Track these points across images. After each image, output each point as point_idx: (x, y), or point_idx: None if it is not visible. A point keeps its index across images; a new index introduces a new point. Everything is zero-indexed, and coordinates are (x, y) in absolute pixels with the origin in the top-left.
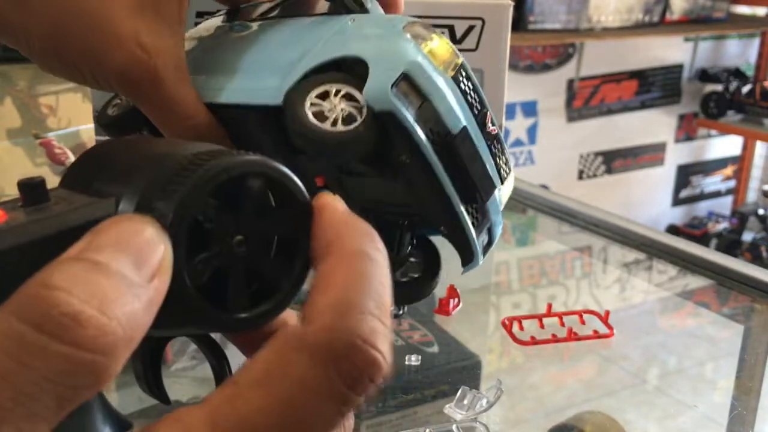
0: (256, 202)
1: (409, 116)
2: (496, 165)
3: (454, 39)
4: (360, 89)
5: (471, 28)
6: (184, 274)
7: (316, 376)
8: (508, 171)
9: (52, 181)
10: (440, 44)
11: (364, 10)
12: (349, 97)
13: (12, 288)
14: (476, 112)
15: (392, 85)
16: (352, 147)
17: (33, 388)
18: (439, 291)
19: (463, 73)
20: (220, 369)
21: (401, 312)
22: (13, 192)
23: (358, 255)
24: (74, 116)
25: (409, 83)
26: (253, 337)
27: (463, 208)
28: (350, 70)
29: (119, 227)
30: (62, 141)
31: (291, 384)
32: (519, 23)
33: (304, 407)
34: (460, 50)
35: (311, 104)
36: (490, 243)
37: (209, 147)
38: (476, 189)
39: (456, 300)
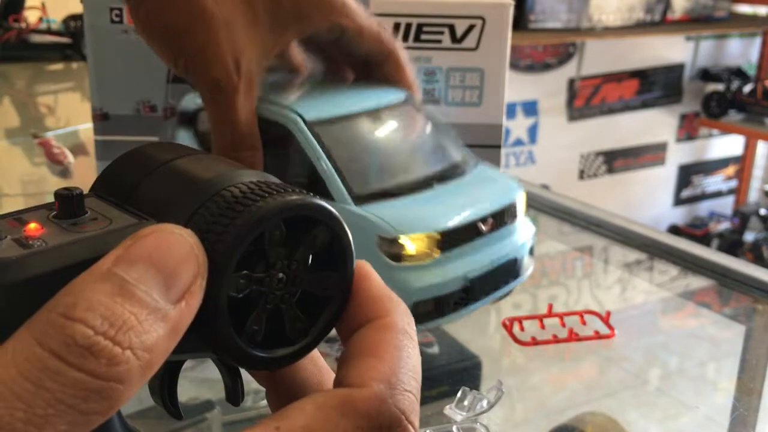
0: (310, 250)
1: (440, 322)
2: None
3: (454, 38)
4: None
5: (471, 27)
6: (224, 310)
7: None
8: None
9: (51, 180)
10: (414, 243)
11: (324, 190)
12: None
13: None
14: (476, 236)
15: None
16: None
17: (46, 410)
18: None
19: (443, 238)
20: (234, 389)
21: None
22: (11, 191)
23: (404, 333)
24: (73, 116)
25: (420, 303)
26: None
27: None
28: None
29: (158, 239)
30: (60, 140)
31: None
32: (520, 22)
33: None
34: (460, 49)
35: None
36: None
37: (261, 177)
38: None
39: None
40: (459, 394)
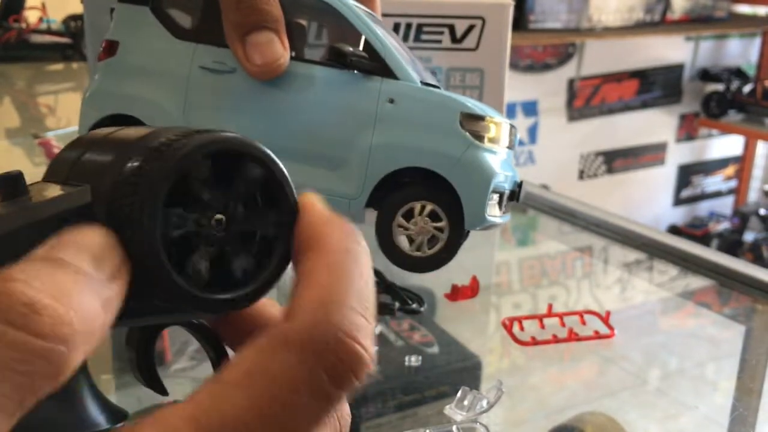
0: (245, 188)
1: (498, 220)
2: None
3: (454, 38)
4: (438, 201)
5: (471, 28)
6: (158, 247)
7: (300, 372)
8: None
9: None
10: (495, 128)
11: (383, 67)
12: (433, 216)
13: None
14: (511, 144)
15: (486, 208)
16: (432, 267)
17: None
18: (461, 279)
19: (512, 130)
20: (220, 364)
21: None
22: None
23: (339, 252)
24: (73, 116)
25: (494, 192)
26: (242, 334)
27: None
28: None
29: (80, 231)
30: (61, 140)
31: (274, 381)
32: (519, 22)
33: (288, 404)
34: (460, 50)
35: (399, 225)
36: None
37: (187, 131)
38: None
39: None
40: (459, 394)
